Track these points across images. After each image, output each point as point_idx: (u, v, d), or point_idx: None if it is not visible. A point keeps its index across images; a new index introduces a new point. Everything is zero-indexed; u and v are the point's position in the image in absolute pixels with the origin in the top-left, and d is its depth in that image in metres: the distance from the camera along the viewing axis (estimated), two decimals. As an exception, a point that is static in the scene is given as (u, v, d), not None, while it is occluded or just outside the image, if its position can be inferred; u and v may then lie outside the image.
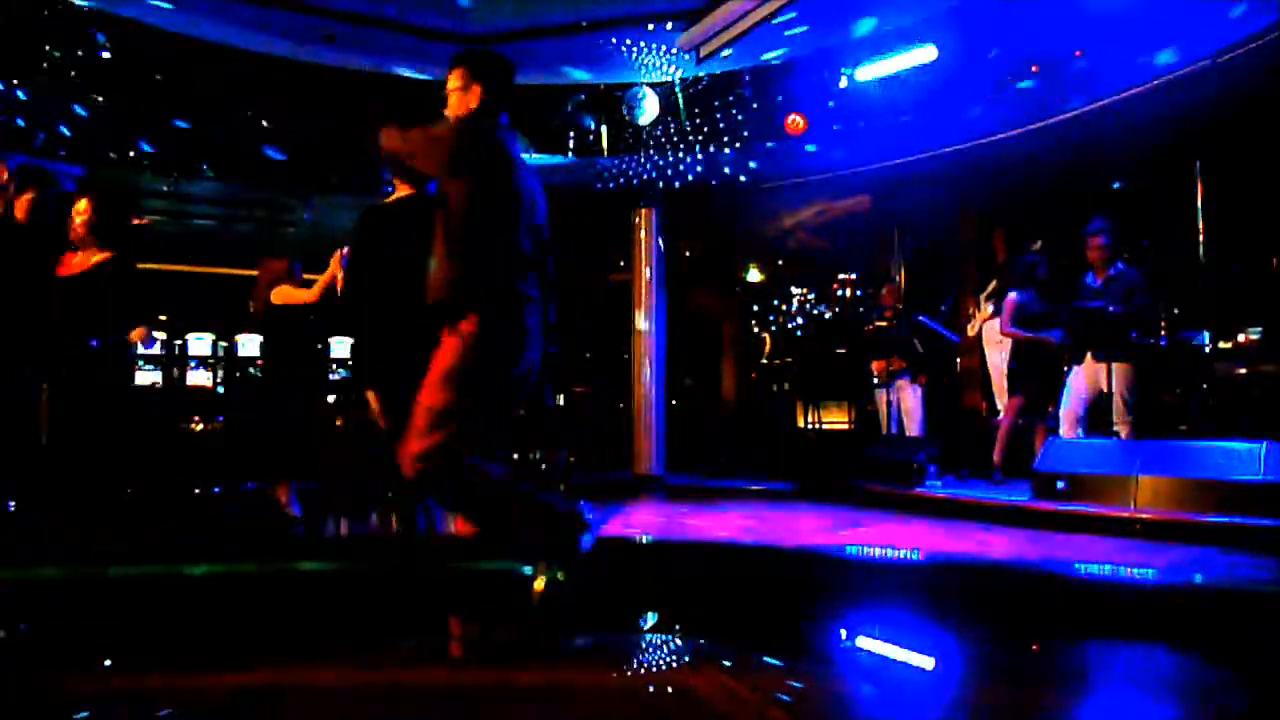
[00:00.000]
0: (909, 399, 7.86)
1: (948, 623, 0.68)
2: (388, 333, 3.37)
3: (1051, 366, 6.92)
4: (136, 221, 4.54)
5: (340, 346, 9.71)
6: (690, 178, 9.09)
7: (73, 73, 7.53)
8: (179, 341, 10.08)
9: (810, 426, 9.21)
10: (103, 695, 0.57)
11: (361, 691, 0.59)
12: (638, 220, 9.58)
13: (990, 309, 8.04)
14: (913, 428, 7.86)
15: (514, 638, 0.65)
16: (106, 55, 7.59)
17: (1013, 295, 7.17)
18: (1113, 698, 0.60)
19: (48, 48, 7.36)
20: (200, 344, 10.16)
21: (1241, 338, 6.77)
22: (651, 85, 8.40)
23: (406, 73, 8.14)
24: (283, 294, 5.81)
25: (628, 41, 7.83)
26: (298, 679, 0.60)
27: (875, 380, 8.10)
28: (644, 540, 4.91)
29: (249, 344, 10.02)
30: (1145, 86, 6.67)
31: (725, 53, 7.42)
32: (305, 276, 6.04)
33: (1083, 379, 6.32)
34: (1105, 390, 6.08)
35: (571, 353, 11.61)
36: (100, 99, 7.82)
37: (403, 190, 3.78)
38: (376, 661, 0.64)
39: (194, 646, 0.62)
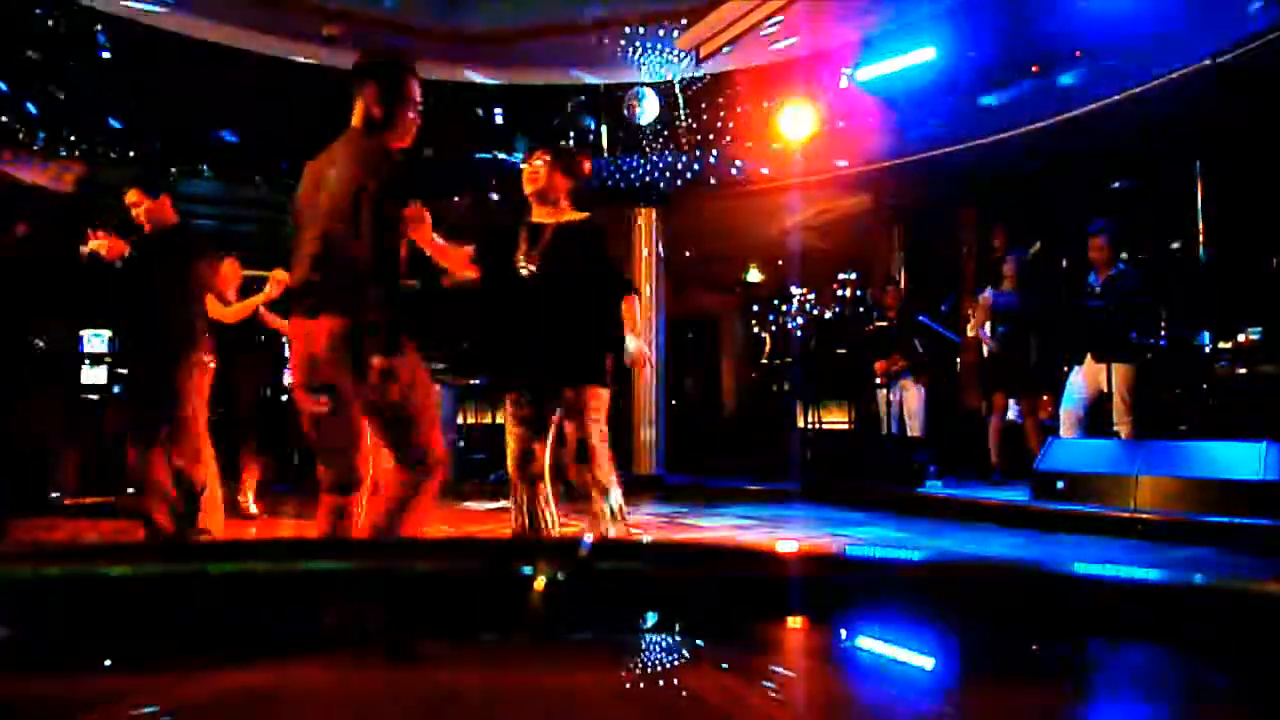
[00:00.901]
0: (912, 399, 7.82)
1: (947, 623, 0.68)
2: (572, 346, 3.39)
3: (1025, 363, 7.04)
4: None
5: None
6: (690, 178, 9.08)
7: (72, 72, 7.53)
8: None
9: (810, 426, 9.20)
10: (101, 695, 0.57)
11: (357, 692, 0.59)
12: (638, 220, 9.58)
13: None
14: (915, 428, 7.84)
15: (512, 637, 0.66)
16: (107, 55, 7.59)
17: (986, 295, 7.30)
18: (1112, 698, 0.60)
19: (47, 47, 7.35)
20: (200, 344, 10.13)
21: (1241, 338, 6.76)
22: (651, 85, 8.40)
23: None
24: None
25: (627, 42, 7.83)
26: (291, 679, 0.60)
27: (878, 380, 8.07)
28: (644, 540, 4.91)
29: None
30: (1145, 86, 6.67)
31: (725, 52, 7.42)
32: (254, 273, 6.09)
33: (1083, 379, 6.32)
34: (1105, 390, 6.07)
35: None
36: (100, 99, 7.82)
37: (571, 215, 3.58)
38: (371, 662, 0.65)
39: (184, 646, 0.63)
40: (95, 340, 8.58)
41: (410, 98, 2.97)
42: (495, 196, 8.65)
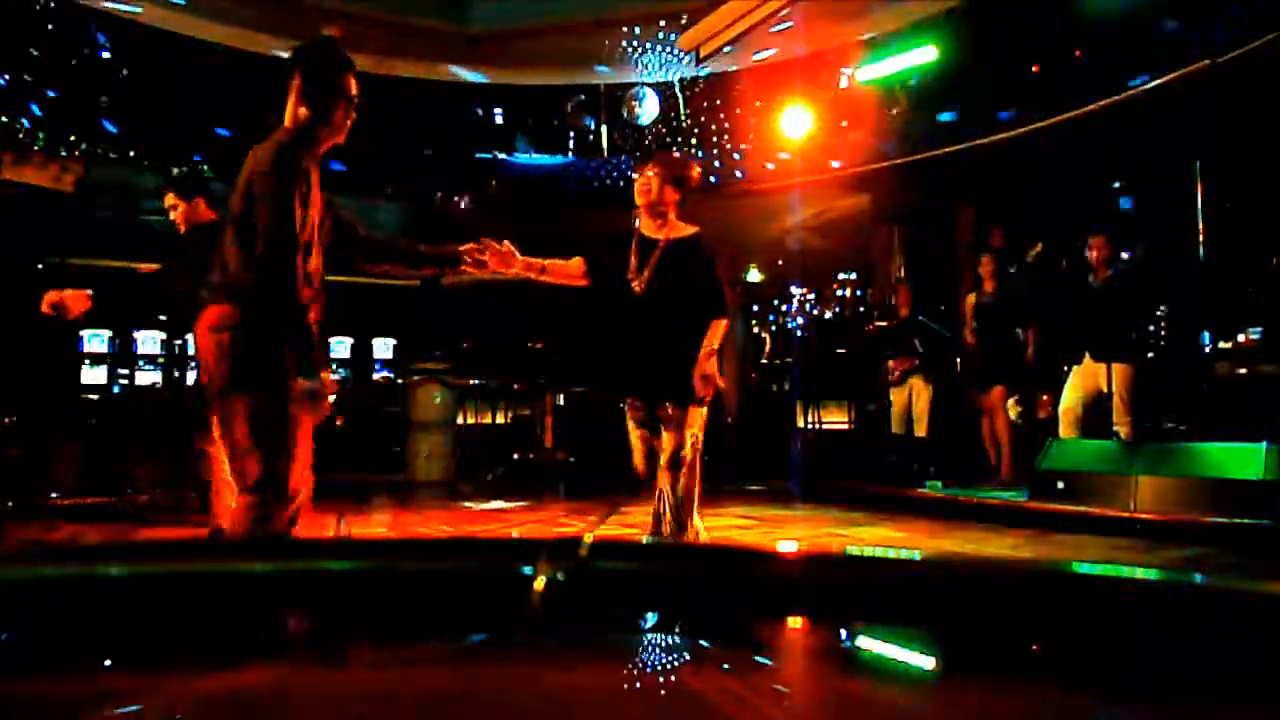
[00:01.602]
0: (922, 400, 7.76)
1: (947, 623, 0.68)
2: (677, 367, 3.46)
3: (1011, 362, 7.08)
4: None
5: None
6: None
7: (72, 72, 7.53)
8: (178, 341, 10.07)
9: (810, 426, 9.20)
10: (101, 696, 0.57)
11: (357, 693, 0.59)
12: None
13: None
14: (922, 428, 7.81)
15: (512, 638, 0.65)
16: (107, 55, 7.59)
17: (970, 297, 7.39)
18: (1112, 698, 0.60)
19: (48, 48, 7.35)
20: (200, 344, 10.14)
21: (1241, 338, 6.77)
22: (651, 85, 8.40)
23: (406, 71, 8.14)
24: None
25: (628, 42, 7.83)
26: (292, 679, 0.60)
27: (891, 378, 8.01)
28: (644, 540, 4.91)
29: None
30: (1145, 86, 6.67)
31: (725, 53, 7.42)
32: None
33: (1081, 379, 6.32)
34: (1104, 390, 6.07)
35: (571, 353, 11.59)
36: (100, 99, 7.82)
37: (679, 229, 3.71)
38: (371, 663, 0.64)
39: (183, 647, 0.62)
40: (95, 340, 8.57)
41: (342, 92, 2.76)
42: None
